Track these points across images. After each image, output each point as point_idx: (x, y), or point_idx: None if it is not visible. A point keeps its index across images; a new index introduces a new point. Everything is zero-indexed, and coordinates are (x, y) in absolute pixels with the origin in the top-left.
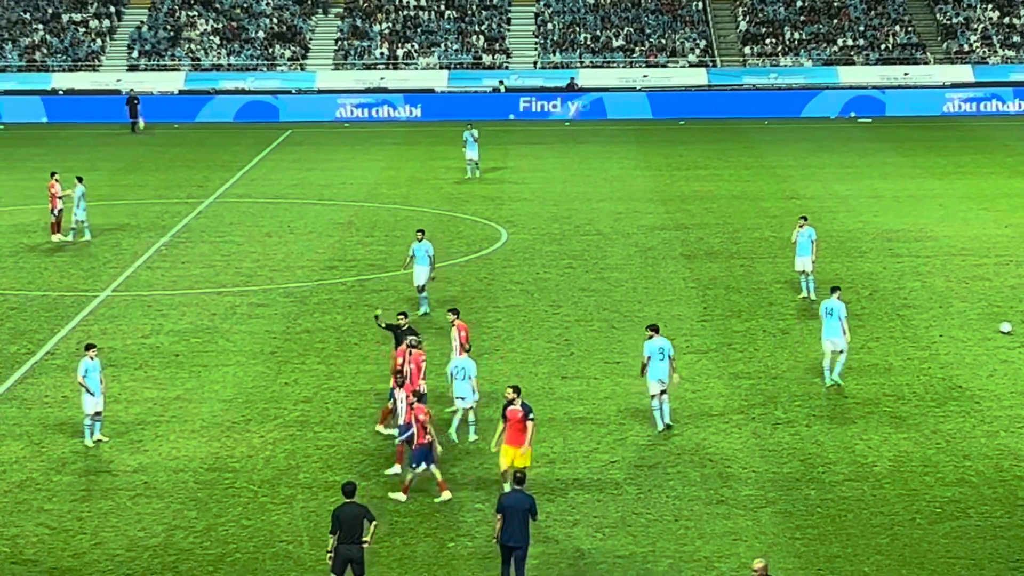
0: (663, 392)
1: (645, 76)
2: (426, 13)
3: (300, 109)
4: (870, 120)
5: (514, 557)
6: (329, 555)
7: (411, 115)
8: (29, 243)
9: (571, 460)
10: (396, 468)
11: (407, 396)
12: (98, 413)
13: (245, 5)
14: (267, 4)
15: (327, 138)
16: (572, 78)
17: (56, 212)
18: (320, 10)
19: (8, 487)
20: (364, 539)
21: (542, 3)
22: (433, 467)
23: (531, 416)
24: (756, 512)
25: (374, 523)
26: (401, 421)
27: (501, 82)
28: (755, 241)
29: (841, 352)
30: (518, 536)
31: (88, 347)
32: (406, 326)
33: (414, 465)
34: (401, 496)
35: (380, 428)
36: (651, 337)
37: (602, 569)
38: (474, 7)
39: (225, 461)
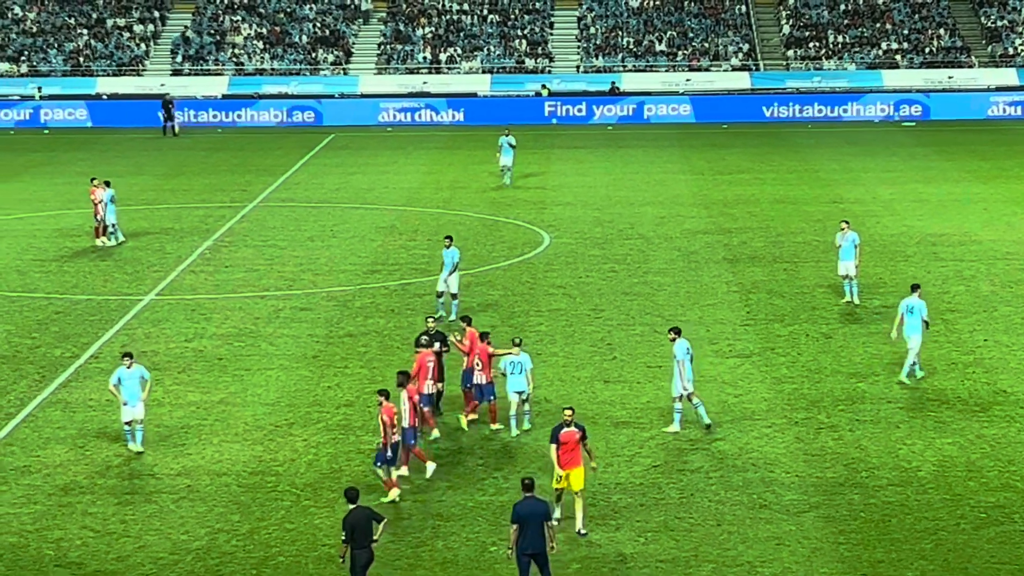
0: (691, 394)
1: (688, 80)
2: (469, 17)
3: (343, 113)
4: (914, 124)
5: (537, 563)
6: (341, 560)
7: (454, 119)
8: (73, 247)
9: (613, 464)
10: (404, 470)
11: (411, 397)
12: (139, 421)
13: (289, 10)
14: (310, 9)
15: (370, 142)
16: (614, 82)
17: (99, 217)
18: (361, 20)
19: (52, 490)
20: (373, 539)
21: (585, 7)
22: (381, 468)
23: (587, 437)
24: (799, 517)
25: (384, 521)
26: (405, 424)
27: (544, 86)
28: (798, 245)
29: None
30: (538, 542)
31: (124, 355)
32: (434, 330)
33: (381, 463)
34: (395, 491)
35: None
36: (675, 340)
37: (644, 574)
38: (517, 11)
39: (268, 465)
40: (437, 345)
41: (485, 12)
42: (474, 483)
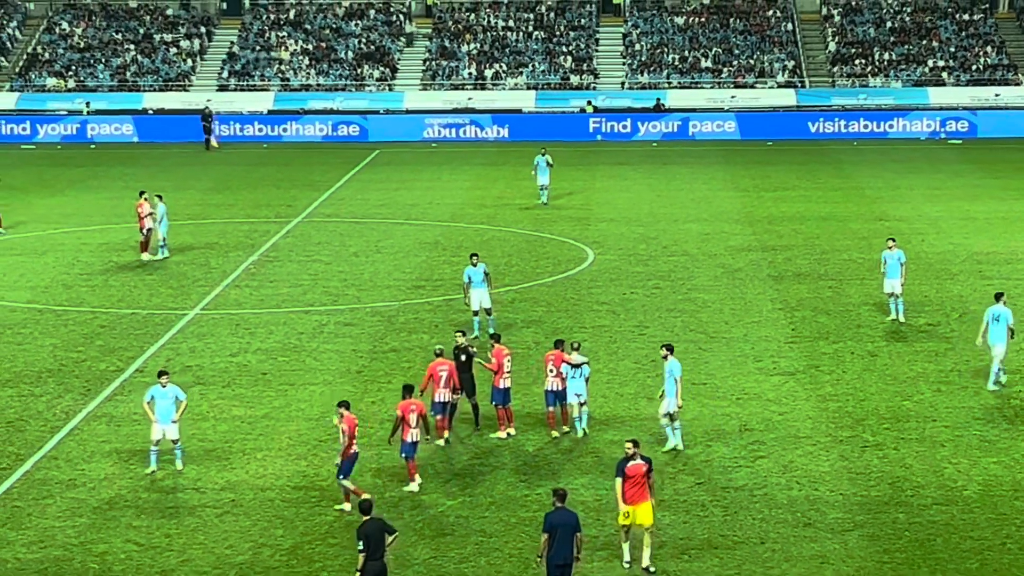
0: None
1: (733, 97)
2: (514, 34)
3: (388, 129)
4: (960, 141)
5: (563, 574)
6: (358, 573)
7: (498, 135)
8: (119, 261)
9: (657, 481)
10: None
11: (408, 412)
12: (173, 441)
13: (334, 26)
14: (356, 25)
15: (414, 158)
16: (659, 99)
17: (144, 231)
18: (405, 41)
19: (98, 504)
20: (385, 551)
21: (630, 24)
22: (347, 480)
23: (652, 470)
24: (844, 535)
25: (395, 535)
26: (409, 436)
27: (589, 102)
28: (843, 263)
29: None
30: (568, 553)
31: (160, 373)
32: (464, 344)
33: (342, 476)
34: (347, 506)
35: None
36: (668, 357)
37: None
38: (562, 27)
39: (312, 479)
40: (464, 358)
41: (530, 28)
42: (517, 499)
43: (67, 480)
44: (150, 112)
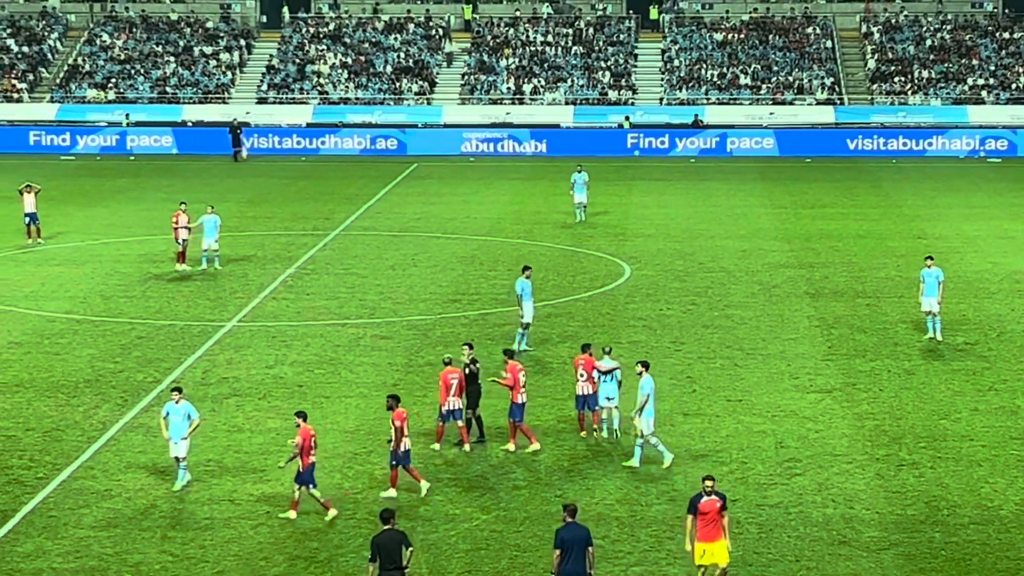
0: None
1: (771, 113)
2: (552, 49)
3: (426, 143)
4: (999, 160)
5: None
6: None
7: (536, 150)
8: (157, 272)
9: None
10: (392, 492)
11: (398, 423)
12: (180, 459)
13: (374, 39)
14: (395, 39)
15: (452, 172)
16: (697, 115)
17: (181, 242)
18: (445, 62)
19: (133, 514)
20: (403, 565)
21: (669, 39)
22: (315, 491)
23: (727, 507)
24: (879, 554)
25: (411, 549)
26: (393, 446)
27: (627, 118)
28: (881, 280)
29: None
30: (581, 569)
31: (174, 390)
32: (472, 356)
33: (299, 484)
34: (292, 514)
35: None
36: (643, 374)
37: None
38: (601, 43)
39: (353, 493)
40: (468, 372)
41: (569, 43)
42: (552, 514)
43: (103, 490)
44: (189, 124)
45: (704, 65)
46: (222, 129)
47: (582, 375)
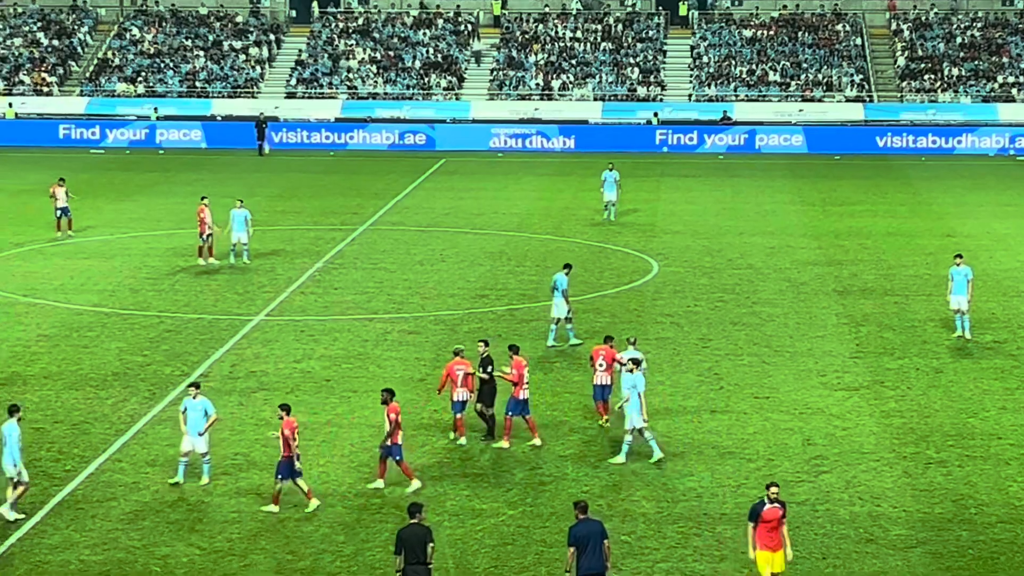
0: (644, 428)
1: (800, 110)
2: (581, 44)
3: (454, 138)
4: None
5: None
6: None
7: (564, 146)
8: (186, 266)
9: (719, 495)
10: (379, 483)
11: (393, 416)
12: (201, 455)
13: (402, 35)
14: (424, 34)
15: (480, 167)
16: (725, 111)
17: (205, 236)
18: (473, 60)
19: (160, 507)
20: (427, 561)
21: (698, 36)
22: (299, 480)
23: (786, 516)
24: (906, 552)
25: (431, 545)
26: (388, 440)
27: (655, 114)
28: (909, 278)
29: None
30: (597, 563)
31: (191, 385)
32: (486, 354)
33: (280, 477)
34: (274, 507)
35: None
36: (634, 371)
37: None
38: (630, 39)
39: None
40: (484, 369)
41: (598, 39)
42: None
43: (131, 483)
44: (218, 119)
45: (733, 62)
46: (252, 124)
47: (601, 365)
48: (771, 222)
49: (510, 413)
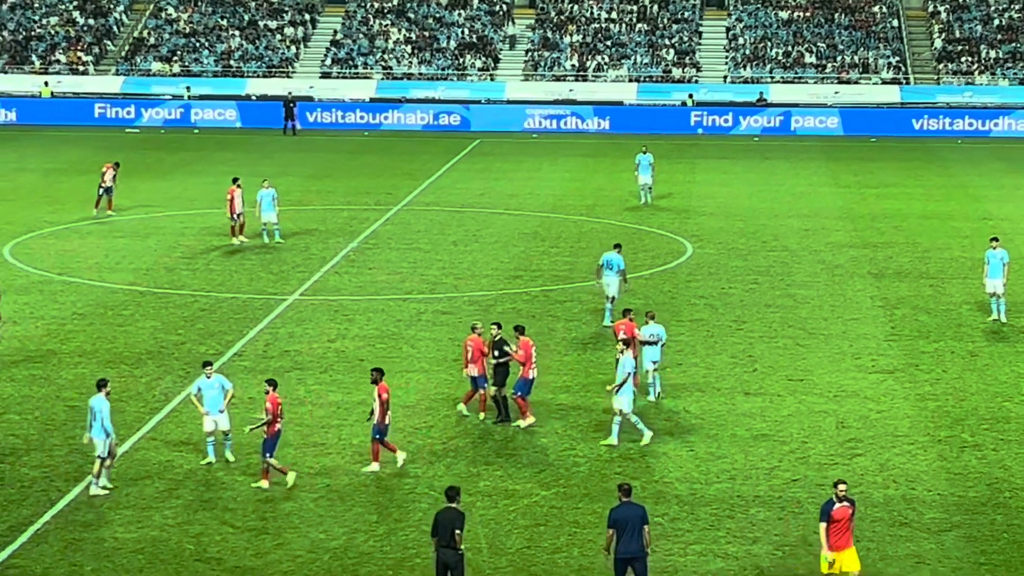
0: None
1: (836, 92)
2: (617, 26)
3: (489, 119)
4: None
5: (634, 568)
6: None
7: (599, 127)
8: (220, 245)
9: (752, 477)
10: (375, 466)
11: (379, 395)
12: (224, 433)
13: (437, 15)
14: (459, 15)
15: (515, 148)
16: (761, 93)
17: (236, 216)
18: (508, 45)
19: (195, 486)
20: (456, 545)
21: (734, 17)
22: (272, 459)
23: (855, 513)
24: (940, 536)
25: (458, 531)
26: (375, 420)
27: (690, 95)
28: (945, 261)
29: None
30: (635, 547)
31: (204, 364)
32: (499, 336)
33: (267, 455)
34: (264, 484)
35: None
36: (623, 351)
37: None
38: (665, 20)
39: (407, 466)
40: (497, 352)
41: (633, 20)
42: (611, 491)
43: (165, 461)
44: (253, 98)
45: (769, 43)
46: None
47: (622, 341)
48: (806, 204)
49: (518, 393)
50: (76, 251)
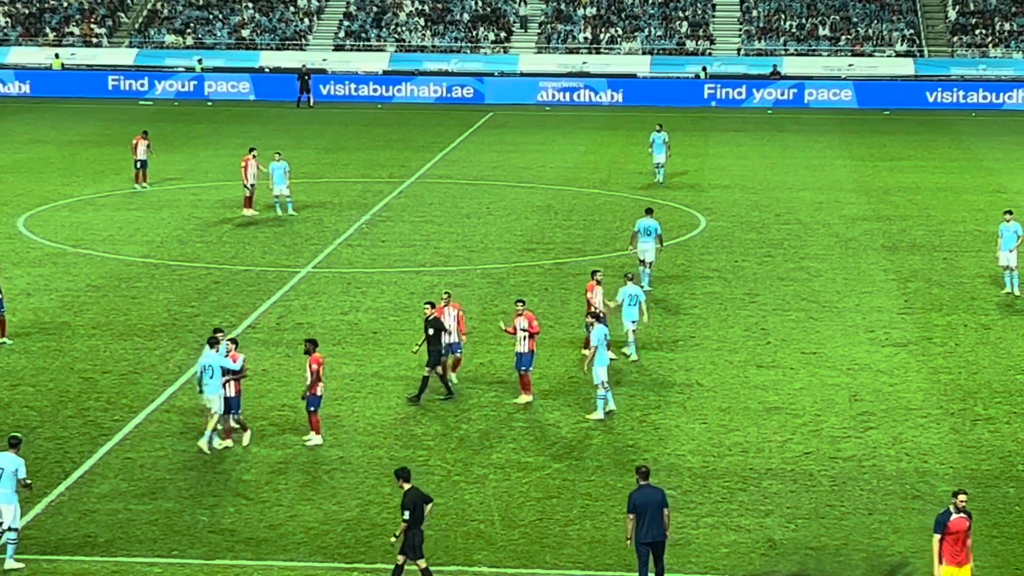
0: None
1: (850, 65)
2: None
3: (502, 92)
4: None
5: (654, 552)
6: (395, 537)
7: (612, 100)
8: (233, 218)
9: (764, 449)
10: (318, 439)
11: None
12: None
13: None
14: None
15: (528, 121)
16: (775, 65)
17: (250, 187)
18: (519, 24)
19: (208, 458)
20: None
21: None
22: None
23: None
24: None
25: (430, 505)
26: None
27: (704, 68)
28: (959, 234)
29: None
30: (657, 531)
31: (212, 340)
32: (431, 316)
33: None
34: (244, 436)
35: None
36: (592, 324)
37: (794, 560)
38: None
39: (420, 439)
40: (432, 331)
41: None
42: (624, 464)
43: (178, 433)
44: (266, 71)
45: (783, 16)
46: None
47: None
48: (819, 177)
49: (525, 368)
50: (90, 223)
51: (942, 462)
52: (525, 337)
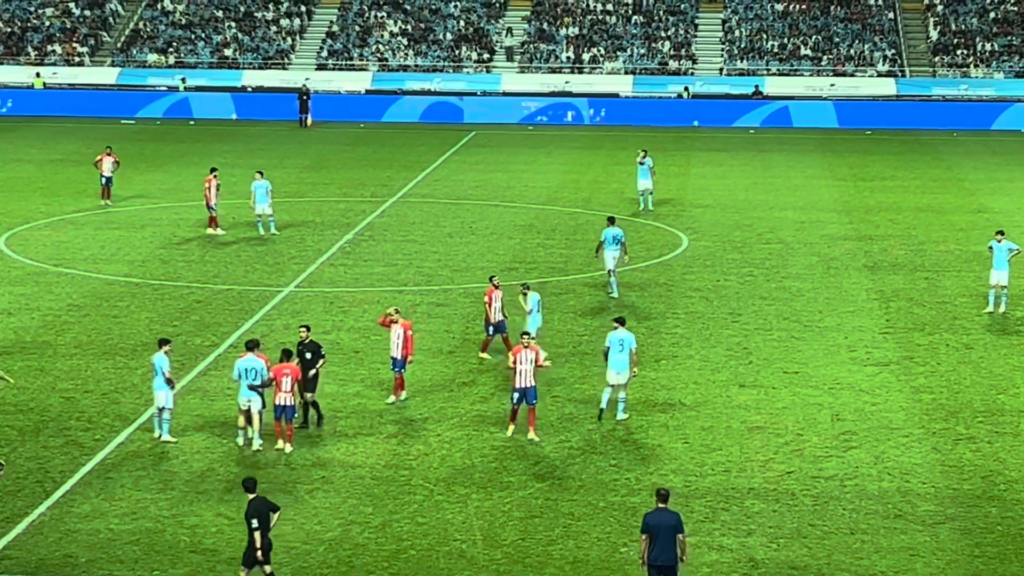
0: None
1: (832, 85)
2: (613, 17)
3: (484, 111)
4: None
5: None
6: (259, 551)
7: (595, 119)
8: (215, 237)
9: (747, 469)
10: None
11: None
12: (160, 410)
13: (433, 7)
14: (455, 6)
15: (510, 140)
16: (757, 85)
17: (212, 207)
18: (505, 56)
19: (189, 477)
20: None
21: (729, 10)
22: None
23: None
24: (935, 528)
25: (277, 513)
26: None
27: (686, 88)
28: (940, 254)
29: None
30: (669, 554)
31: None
32: (308, 339)
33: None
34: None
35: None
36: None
37: None
38: (661, 12)
39: (401, 458)
40: (309, 355)
41: (629, 13)
42: (606, 483)
43: (160, 452)
44: (249, 90)
45: (765, 36)
46: (282, 95)
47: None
48: (801, 197)
49: (532, 402)
50: (72, 242)
51: (924, 481)
52: (531, 371)
